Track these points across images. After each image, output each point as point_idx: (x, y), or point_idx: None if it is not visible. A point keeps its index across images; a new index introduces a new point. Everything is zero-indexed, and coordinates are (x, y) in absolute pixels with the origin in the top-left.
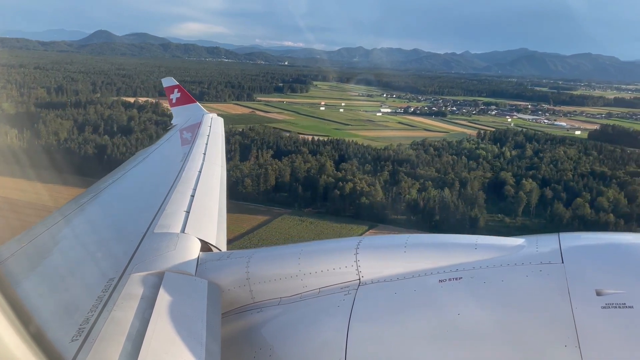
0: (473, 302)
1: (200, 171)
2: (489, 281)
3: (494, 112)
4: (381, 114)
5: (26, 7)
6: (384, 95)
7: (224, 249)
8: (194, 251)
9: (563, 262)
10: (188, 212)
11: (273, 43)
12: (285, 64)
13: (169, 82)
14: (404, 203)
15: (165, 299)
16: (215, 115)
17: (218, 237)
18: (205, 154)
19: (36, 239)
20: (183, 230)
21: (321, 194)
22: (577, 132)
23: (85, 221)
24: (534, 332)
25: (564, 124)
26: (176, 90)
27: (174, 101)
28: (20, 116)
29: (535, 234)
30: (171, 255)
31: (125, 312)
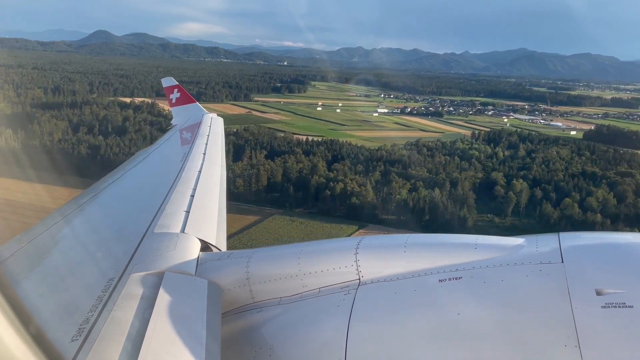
0: (473, 302)
1: (200, 171)
2: (488, 281)
3: (491, 113)
4: (378, 114)
5: (26, 7)
6: (381, 96)
7: (224, 249)
8: (193, 251)
9: (563, 262)
10: (188, 212)
11: (273, 43)
12: (284, 64)
13: (168, 82)
14: (394, 203)
15: (165, 298)
16: (215, 115)
17: (218, 237)
18: (205, 153)
19: (36, 239)
20: (183, 230)
21: (312, 194)
22: (573, 133)
23: (85, 221)
24: (534, 331)
25: (559, 124)
26: (176, 90)
27: (173, 101)
28: (16, 116)
29: (524, 233)
30: (171, 255)
31: (125, 312)
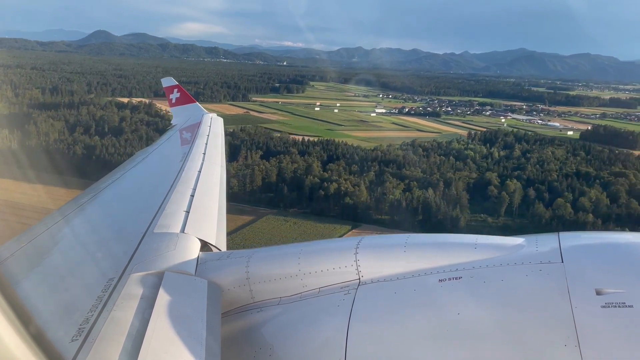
0: (473, 302)
1: (200, 171)
2: (488, 281)
3: (489, 113)
4: (375, 114)
5: (25, 7)
6: (380, 96)
7: (224, 248)
8: (193, 251)
9: (563, 262)
10: (188, 212)
11: (272, 43)
12: (283, 64)
13: (168, 82)
14: (387, 203)
15: (165, 298)
16: (215, 115)
17: (218, 237)
18: (205, 153)
19: (36, 239)
20: (183, 230)
21: (307, 194)
22: (570, 133)
23: (85, 221)
24: (533, 331)
25: (557, 124)
26: (176, 90)
27: (173, 101)
28: (13, 117)
29: (516, 233)
30: (171, 255)
31: (125, 312)
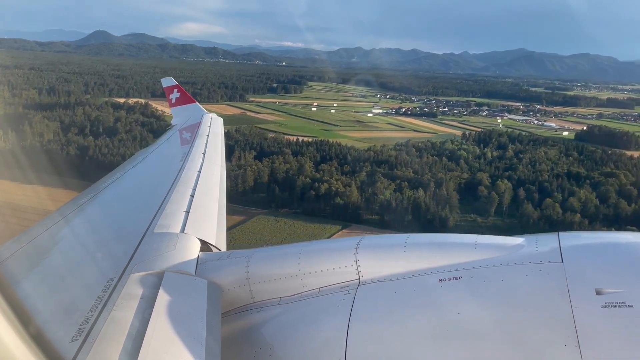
0: (473, 302)
1: (199, 171)
2: (488, 280)
3: (485, 113)
4: (372, 114)
5: (25, 7)
6: (377, 96)
7: (224, 249)
8: (193, 251)
9: (563, 262)
10: (188, 212)
11: (272, 43)
12: (283, 64)
13: (168, 82)
14: (377, 203)
15: (165, 298)
16: (214, 115)
17: (218, 237)
18: (204, 153)
19: (36, 239)
20: (183, 230)
21: (298, 194)
22: (565, 133)
23: (85, 221)
24: (533, 331)
25: (553, 124)
26: (175, 91)
27: (173, 101)
28: (8, 117)
29: (505, 233)
30: (171, 255)
31: (125, 312)
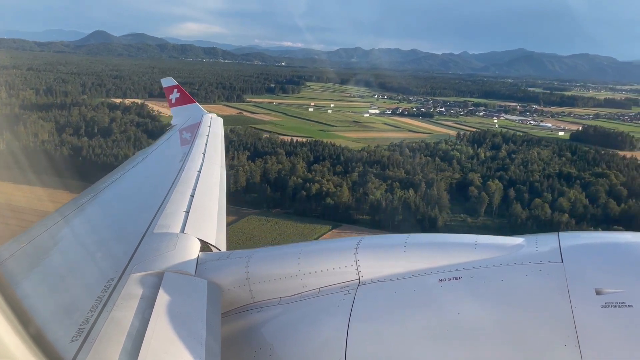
0: (473, 302)
1: (199, 171)
2: (488, 280)
3: (482, 113)
4: (369, 115)
5: (24, 7)
6: (375, 96)
7: (223, 249)
8: (193, 251)
9: (563, 262)
10: (188, 212)
11: (272, 43)
12: (282, 64)
13: (168, 82)
14: (368, 203)
15: (165, 298)
16: (214, 115)
17: (218, 237)
18: (204, 153)
19: (36, 239)
20: (183, 230)
21: (290, 194)
22: (561, 133)
23: (85, 221)
24: (533, 331)
25: (549, 124)
26: (175, 91)
27: (173, 101)
28: (4, 118)
29: (494, 233)
30: (171, 255)
31: (125, 312)
